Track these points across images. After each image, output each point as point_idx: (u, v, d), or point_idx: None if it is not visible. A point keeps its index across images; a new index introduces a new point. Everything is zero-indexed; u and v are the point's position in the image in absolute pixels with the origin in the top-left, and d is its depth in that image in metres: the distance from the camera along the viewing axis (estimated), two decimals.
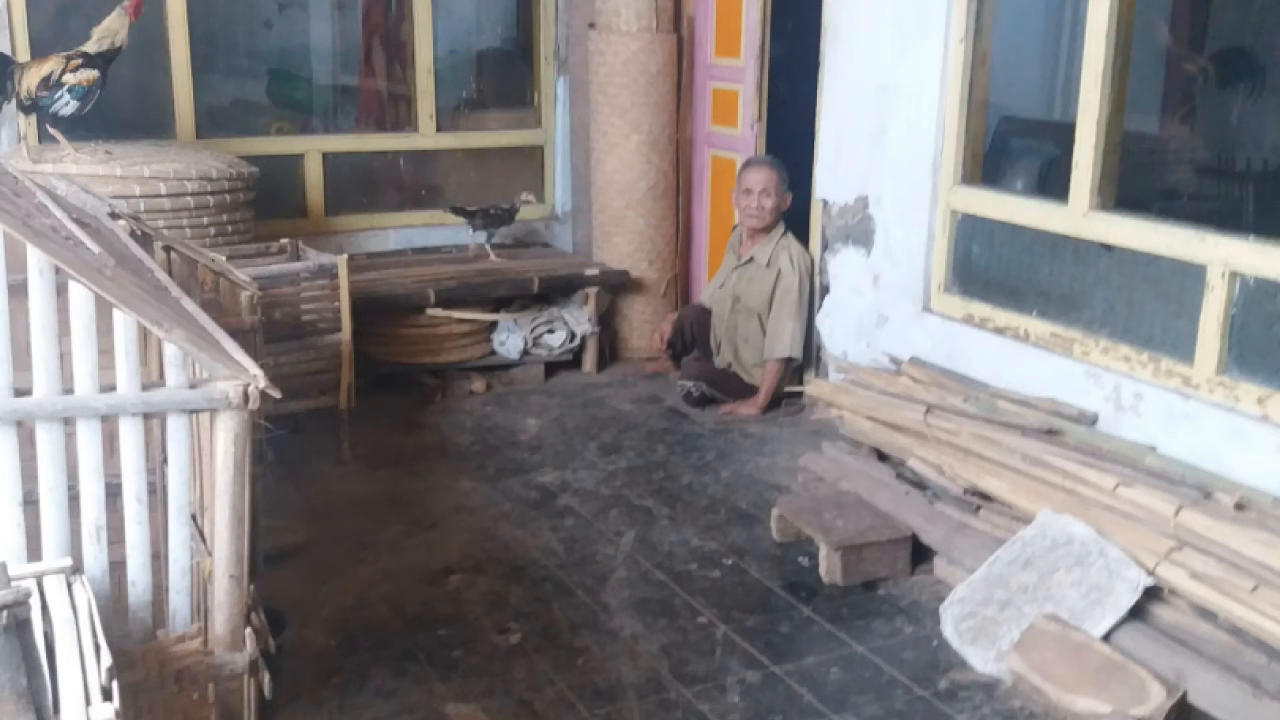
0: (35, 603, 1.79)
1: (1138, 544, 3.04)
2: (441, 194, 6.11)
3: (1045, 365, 3.86)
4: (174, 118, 5.37)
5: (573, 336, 5.41)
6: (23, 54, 4.92)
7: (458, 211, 5.63)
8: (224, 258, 3.55)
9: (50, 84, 4.44)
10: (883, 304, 4.58)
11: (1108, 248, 3.73)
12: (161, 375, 2.23)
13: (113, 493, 2.17)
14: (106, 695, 1.69)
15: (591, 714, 2.80)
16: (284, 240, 4.53)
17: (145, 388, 2.15)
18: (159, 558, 2.27)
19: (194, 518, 2.35)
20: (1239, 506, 3.02)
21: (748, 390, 5.00)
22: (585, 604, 3.32)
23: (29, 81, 4.46)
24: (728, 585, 3.46)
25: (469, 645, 3.09)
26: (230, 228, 4.66)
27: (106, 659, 1.74)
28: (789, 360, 4.92)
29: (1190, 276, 3.41)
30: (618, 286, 5.62)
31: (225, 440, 2.16)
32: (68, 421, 2.11)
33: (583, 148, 5.92)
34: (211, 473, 2.21)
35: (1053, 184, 4.58)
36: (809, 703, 2.86)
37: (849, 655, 3.08)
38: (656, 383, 5.38)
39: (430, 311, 5.09)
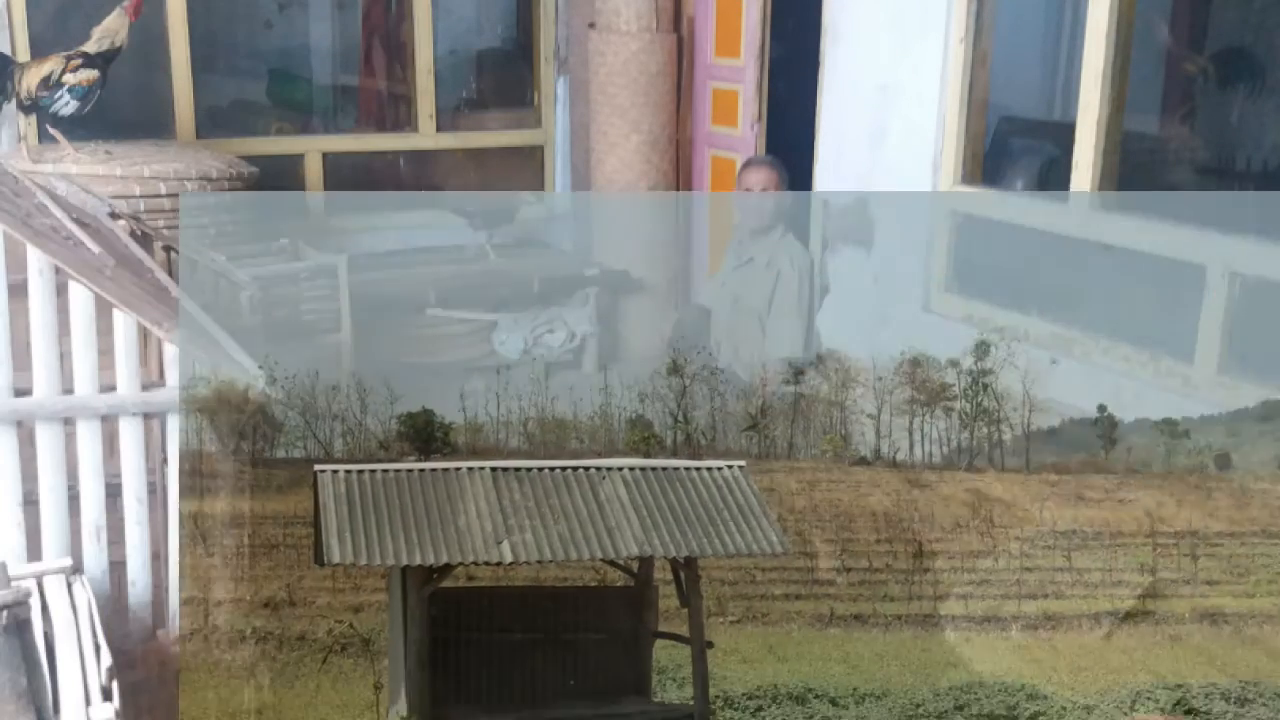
0: (35, 603, 1.79)
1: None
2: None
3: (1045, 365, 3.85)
4: (174, 118, 5.37)
5: (573, 336, 5.40)
6: (23, 54, 4.92)
7: (458, 211, 5.63)
8: (224, 258, 3.55)
9: (50, 84, 4.44)
10: (883, 304, 4.57)
11: (1108, 248, 3.72)
12: (161, 375, 2.23)
13: (113, 493, 2.17)
14: (106, 695, 1.69)
15: None
16: (284, 240, 4.53)
17: (145, 388, 2.15)
18: (159, 558, 2.27)
19: None
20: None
21: None
22: None
23: (29, 81, 4.46)
24: None
25: None
26: (230, 228, 4.65)
27: (106, 659, 1.74)
28: (789, 360, 4.90)
29: (1190, 276, 3.41)
30: (618, 287, 5.62)
31: None
32: (68, 421, 2.11)
33: (583, 148, 5.91)
34: None
35: (1052, 184, 4.58)
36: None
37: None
38: None
39: (430, 311, 5.09)
